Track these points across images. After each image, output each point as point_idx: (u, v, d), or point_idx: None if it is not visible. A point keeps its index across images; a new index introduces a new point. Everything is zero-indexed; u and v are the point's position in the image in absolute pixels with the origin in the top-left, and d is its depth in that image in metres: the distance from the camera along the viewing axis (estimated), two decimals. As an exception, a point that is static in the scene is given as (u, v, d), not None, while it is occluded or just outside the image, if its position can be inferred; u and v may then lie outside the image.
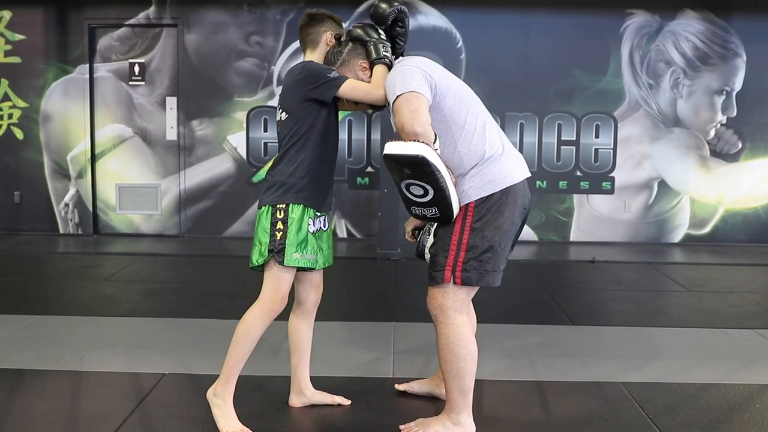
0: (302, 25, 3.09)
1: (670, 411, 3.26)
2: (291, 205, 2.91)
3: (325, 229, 3.09)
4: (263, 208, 2.96)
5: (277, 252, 2.88)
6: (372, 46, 3.00)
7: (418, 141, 2.63)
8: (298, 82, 2.92)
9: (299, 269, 3.03)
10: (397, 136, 2.76)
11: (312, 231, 2.96)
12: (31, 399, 3.29)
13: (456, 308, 2.85)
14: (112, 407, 3.20)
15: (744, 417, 3.22)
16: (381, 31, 3.05)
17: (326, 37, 3.05)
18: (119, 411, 3.15)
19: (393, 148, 2.63)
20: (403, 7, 3.02)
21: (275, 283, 2.93)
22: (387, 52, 3.01)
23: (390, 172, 2.74)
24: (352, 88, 2.93)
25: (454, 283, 2.81)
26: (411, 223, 3.26)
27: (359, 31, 3.04)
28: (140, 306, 5.09)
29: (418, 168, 2.62)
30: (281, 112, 2.99)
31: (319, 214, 3.02)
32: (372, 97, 2.95)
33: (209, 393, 3.03)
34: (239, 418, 3.00)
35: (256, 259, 2.93)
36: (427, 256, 3.00)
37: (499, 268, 2.86)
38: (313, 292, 3.16)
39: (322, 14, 3.07)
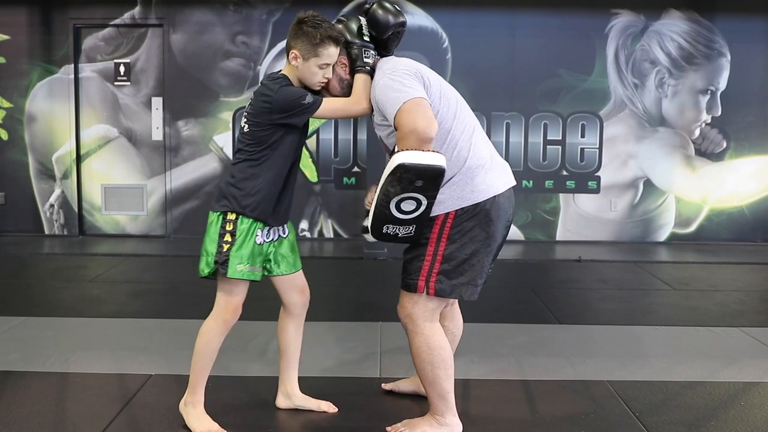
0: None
1: (656, 409, 3.27)
2: (241, 217, 2.86)
3: (284, 236, 3.05)
4: (213, 215, 2.91)
5: (221, 263, 2.85)
6: (356, 50, 2.87)
7: (435, 151, 2.55)
8: (268, 108, 2.78)
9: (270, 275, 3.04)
10: (387, 145, 2.70)
11: (258, 242, 2.90)
12: (17, 401, 3.27)
13: (426, 318, 2.82)
14: (98, 409, 3.19)
15: (729, 415, 3.24)
16: (365, 30, 2.89)
17: (292, 54, 2.82)
18: (105, 412, 3.14)
19: (414, 158, 2.49)
20: (404, 20, 2.88)
21: (226, 295, 2.92)
22: (369, 58, 2.87)
23: (391, 185, 2.55)
24: (329, 109, 2.84)
25: (427, 293, 2.77)
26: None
27: (341, 29, 2.88)
28: (126, 307, 5.07)
29: (433, 180, 2.53)
30: (245, 122, 2.87)
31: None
32: (350, 113, 2.89)
33: (180, 404, 3.04)
34: (225, 418, 3.02)
35: (202, 268, 2.91)
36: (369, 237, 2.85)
37: (475, 282, 2.80)
38: (296, 295, 3.12)
39: (299, 26, 2.80)
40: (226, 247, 2.86)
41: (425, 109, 2.59)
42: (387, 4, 2.88)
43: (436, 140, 2.66)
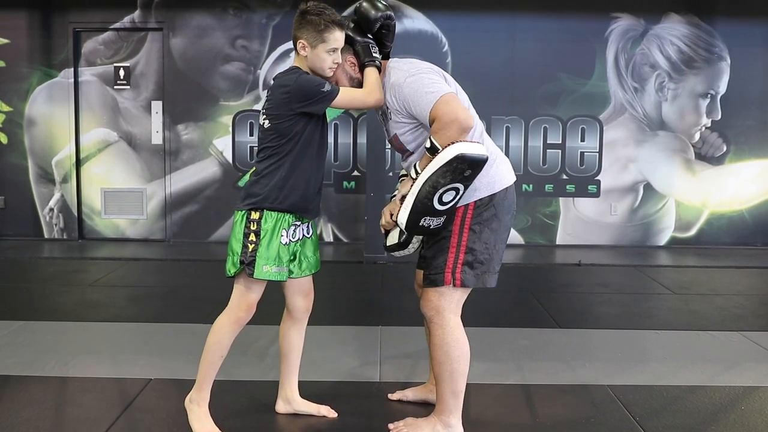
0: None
1: (656, 413, 3.27)
2: (266, 212, 2.87)
3: (308, 236, 3.07)
4: (238, 214, 2.92)
5: (247, 264, 2.85)
6: (360, 47, 2.95)
7: (477, 142, 2.71)
8: (287, 97, 2.81)
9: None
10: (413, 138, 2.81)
11: (284, 242, 2.91)
12: (16, 405, 3.26)
13: (451, 310, 2.86)
14: (97, 413, 3.19)
15: (729, 419, 3.24)
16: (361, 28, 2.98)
17: (299, 45, 2.87)
18: (105, 417, 3.14)
19: (470, 148, 2.62)
20: (389, 13, 2.96)
21: (243, 293, 2.92)
22: (376, 53, 2.96)
23: (443, 176, 2.63)
24: (346, 98, 2.88)
25: (454, 285, 2.82)
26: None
27: (346, 30, 2.95)
28: (126, 311, 5.07)
29: (479, 169, 2.67)
30: (264, 119, 2.90)
31: (298, 222, 2.98)
32: (365, 104, 2.93)
33: (186, 400, 3.05)
34: (226, 422, 3.02)
35: (228, 268, 2.91)
36: (401, 252, 2.99)
37: (495, 269, 2.89)
38: (301, 299, 3.12)
39: (302, 16, 2.86)
40: (251, 247, 2.86)
41: (460, 101, 2.74)
42: (371, 1, 2.96)
43: None
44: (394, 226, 2.94)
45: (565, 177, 7.90)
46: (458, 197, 2.72)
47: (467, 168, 2.63)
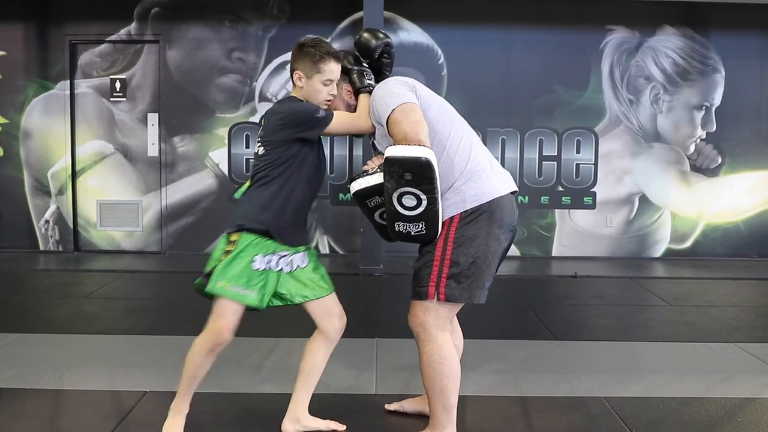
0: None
1: (653, 425, 3.27)
2: (242, 236, 2.86)
3: (303, 266, 3.05)
4: (222, 237, 2.93)
5: (207, 275, 2.85)
6: (356, 75, 3.02)
7: (423, 146, 2.64)
8: (282, 124, 2.85)
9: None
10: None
11: (255, 267, 2.87)
12: (11, 418, 3.25)
13: (438, 326, 2.83)
14: (92, 426, 3.18)
15: (726, 431, 3.23)
16: (360, 59, 3.08)
17: (296, 75, 2.93)
18: (100, 430, 3.13)
19: (398, 151, 2.62)
20: (389, 40, 3.04)
21: (213, 317, 2.91)
22: (371, 80, 3.03)
23: (386, 180, 2.66)
24: (340, 123, 2.92)
25: (438, 299, 2.79)
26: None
27: (342, 60, 3.03)
28: (121, 323, 5.05)
29: (422, 172, 2.60)
30: (260, 147, 2.92)
31: (285, 253, 2.96)
32: (359, 128, 2.98)
33: (171, 405, 3.05)
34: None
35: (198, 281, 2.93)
36: (355, 186, 2.87)
37: (483, 285, 2.83)
38: (327, 320, 3.11)
39: (299, 48, 2.94)
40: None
41: (411, 113, 2.73)
42: (371, 30, 3.08)
43: (435, 147, 2.79)
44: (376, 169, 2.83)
45: (560, 189, 7.91)
46: (424, 203, 2.65)
47: (403, 170, 2.60)
